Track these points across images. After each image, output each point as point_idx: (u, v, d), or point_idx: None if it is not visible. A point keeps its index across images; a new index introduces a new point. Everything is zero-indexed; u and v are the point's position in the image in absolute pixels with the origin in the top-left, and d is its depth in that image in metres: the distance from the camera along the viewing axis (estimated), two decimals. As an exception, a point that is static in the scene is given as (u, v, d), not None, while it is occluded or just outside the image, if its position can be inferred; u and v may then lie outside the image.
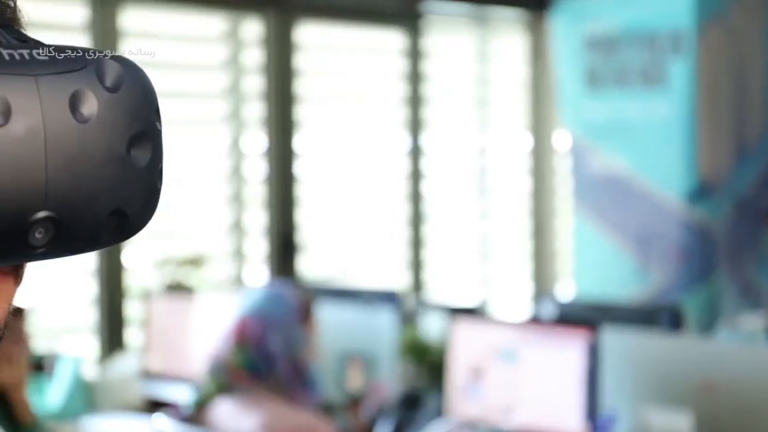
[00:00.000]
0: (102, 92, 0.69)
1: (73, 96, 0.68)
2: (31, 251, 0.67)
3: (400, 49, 4.65)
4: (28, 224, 0.66)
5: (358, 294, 3.68)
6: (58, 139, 0.67)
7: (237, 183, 4.15)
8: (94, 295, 3.78)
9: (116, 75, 0.70)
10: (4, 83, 0.65)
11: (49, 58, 0.68)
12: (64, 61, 0.68)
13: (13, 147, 0.65)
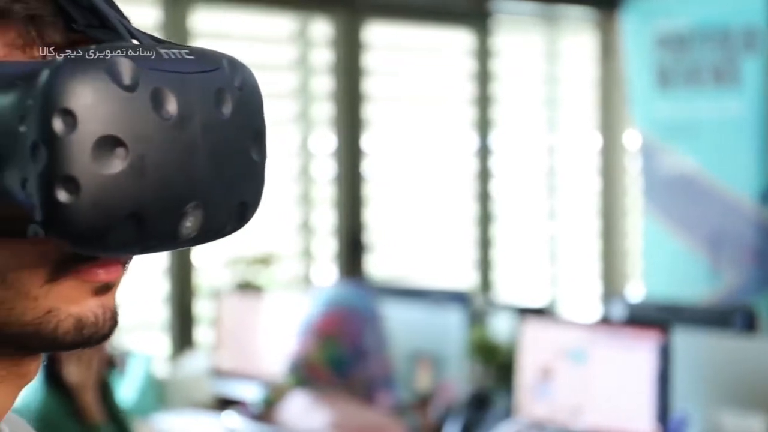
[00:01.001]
0: (234, 91, 0.73)
1: (217, 93, 0.71)
2: (179, 240, 0.70)
3: (468, 48, 4.64)
4: (182, 213, 0.69)
5: (427, 294, 3.67)
6: (207, 133, 0.70)
7: (306, 183, 4.17)
8: (165, 294, 3.83)
9: (242, 76, 0.74)
10: (165, 79, 0.68)
11: (193, 58, 0.71)
12: (202, 61, 0.72)
13: (173, 138, 0.68)
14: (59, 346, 0.72)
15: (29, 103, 0.64)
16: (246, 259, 3.96)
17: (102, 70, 0.65)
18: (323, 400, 2.63)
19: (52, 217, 0.65)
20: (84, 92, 0.64)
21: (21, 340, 0.72)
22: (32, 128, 0.64)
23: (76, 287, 0.71)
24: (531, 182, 4.97)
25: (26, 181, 0.64)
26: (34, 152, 0.64)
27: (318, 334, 2.67)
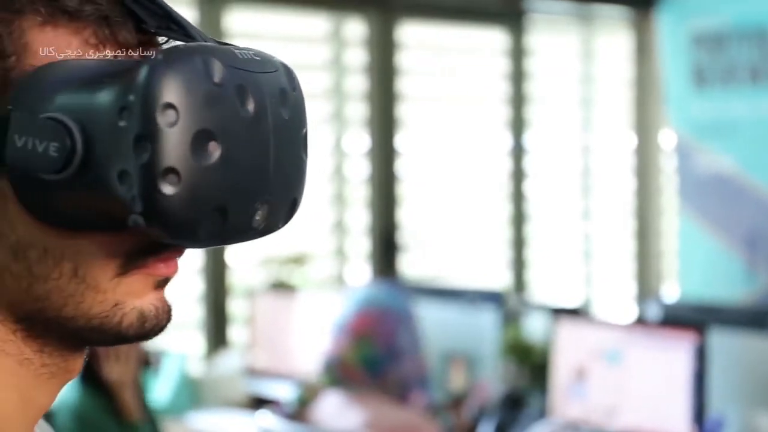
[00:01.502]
0: (291, 93, 0.76)
1: (280, 94, 0.74)
2: (250, 234, 0.73)
3: (502, 48, 4.63)
4: (255, 207, 0.72)
5: (461, 293, 3.66)
6: (277, 130, 0.73)
7: (339, 182, 4.18)
8: (200, 293, 3.84)
9: (294, 78, 0.78)
10: (245, 77, 0.71)
11: (259, 59, 0.74)
12: (266, 62, 0.75)
13: (252, 134, 0.71)
14: (121, 339, 0.74)
15: (131, 99, 0.66)
16: (280, 258, 3.97)
17: (198, 67, 0.68)
18: (357, 400, 2.63)
19: (154, 208, 0.67)
20: (184, 88, 0.67)
21: (84, 334, 0.74)
22: (135, 122, 0.66)
23: (140, 281, 0.73)
24: (565, 182, 4.95)
25: (125, 174, 0.67)
26: (137, 145, 0.66)
27: (352, 334, 2.67)
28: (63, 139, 0.67)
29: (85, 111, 0.68)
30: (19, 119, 0.68)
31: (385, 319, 2.66)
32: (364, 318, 2.67)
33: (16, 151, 0.68)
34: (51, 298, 0.72)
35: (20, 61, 0.70)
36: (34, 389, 0.76)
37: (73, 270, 0.71)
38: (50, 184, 0.68)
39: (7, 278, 0.72)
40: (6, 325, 0.73)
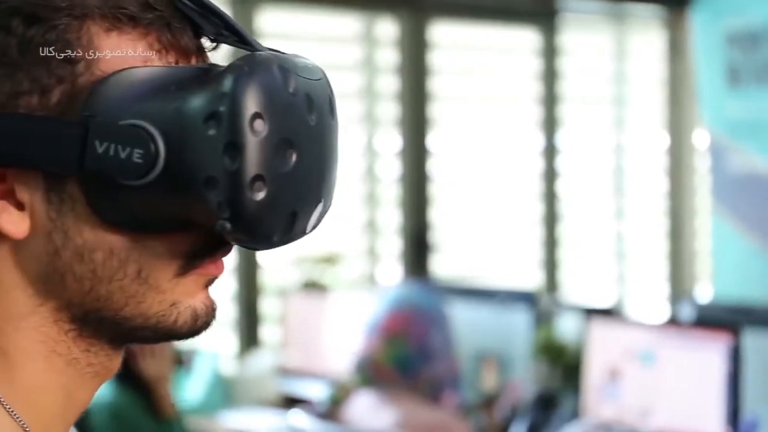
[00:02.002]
0: (335, 99, 0.79)
1: (329, 100, 0.77)
2: (304, 235, 0.76)
3: (535, 47, 4.62)
4: (312, 211, 0.75)
5: (493, 294, 3.66)
6: (331, 137, 0.76)
7: (371, 182, 4.18)
8: (232, 292, 3.85)
9: (331, 84, 0.79)
10: (309, 86, 0.74)
11: (311, 66, 0.77)
12: (314, 69, 0.77)
13: (316, 141, 0.74)
14: (173, 337, 0.77)
15: (220, 108, 0.69)
16: (312, 258, 3.98)
17: (278, 77, 0.71)
18: (389, 400, 2.63)
19: (243, 213, 0.70)
20: (269, 97, 0.70)
21: (137, 332, 0.76)
22: (224, 131, 0.69)
23: (194, 281, 0.76)
24: (598, 182, 4.93)
25: (212, 180, 0.69)
26: (227, 153, 0.69)
27: (384, 334, 2.66)
28: (147, 146, 0.69)
29: (166, 118, 0.70)
30: (100, 125, 0.70)
31: (417, 319, 2.66)
32: (397, 318, 2.67)
33: (96, 157, 0.70)
34: (113, 298, 0.73)
35: (89, 67, 0.71)
36: (78, 388, 0.77)
37: (137, 271, 0.73)
38: (127, 189, 0.70)
39: (69, 280, 0.73)
40: (60, 325, 0.74)
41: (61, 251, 0.72)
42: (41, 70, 0.70)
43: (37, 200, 0.72)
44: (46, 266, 0.73)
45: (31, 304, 0.74)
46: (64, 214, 0.72)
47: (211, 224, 0.71)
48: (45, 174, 0.71)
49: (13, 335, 0.74)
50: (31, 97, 0.71)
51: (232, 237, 0.72)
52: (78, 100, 0.71)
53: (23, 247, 0.73)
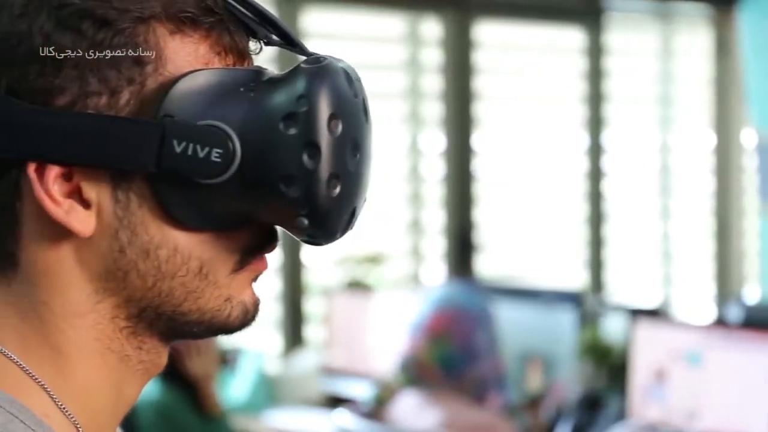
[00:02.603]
0: (367, 100, 0.79)
1: (365, 101, 0.78)
2: (342, 235, 0.77)
3: (580, 46, 4.59)
4: (359, 209, 0.77)
5: (538, 294, 3.64)
6: (370, 136, 0.78)
7: (415, 182, 4.18)
8: (277, 292, 3.86)
9: None
10: (362, 89, 0.77)
11: (354, 69, 0.79)
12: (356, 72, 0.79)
13: (370, 141, 0.77)
14: (224, 331, 0.78)
15: (300, 109, 0.72)
16: (356, 258, 3.98)
17: (345, 79, 0.74)
18: (434, 400, 2.62)
19: (321, 210, 0.73)
20: (343, 99, 0.73)
21: (192, 328, 0.77)
22: (304, 131, 0.72)
23: (246, 277, 0.78)
24: (644, 181, 4.89)
25: (290, 178, 0.72)
26: (306, 152, 0.72)
27: (428, 334, 2.66)
28: (226, 145, 0.72)
29: (240, 118, 0.72)
30: (178, 125, 0.72)
31: (462, 319, 2.65)
32: (441, 318, 2.66)
33: (174, 156, 0.72)
34: (173, 294, 0.75)
35: (157, 68, 0.73)
36: (128, 385, 0.78)
37: (199, 267, 0.75)
38: (201, 187, 0.72)
39: (132, 276, 0.74)
40: (116, 322, 0.76)
41: (127, 249, 0.74)
42: (111, 72, 0.72)
43: (104, 199, 0.73)
44: (110, 264, 0.74)
45: (90, 302, 0.75)
46: (131, 213, 0.73)
47: (283, 221, 0.74)
48: (112, 172, 0.73)
49: (69, 334, 0.75)
50: (100, 97, 0.72)
51: (306, 233, 0.75)
52: (146, 100, 0.72)
53: (87, 245, 0.74)
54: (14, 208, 0.73)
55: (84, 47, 0.71)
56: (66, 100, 0.72)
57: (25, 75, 0.71)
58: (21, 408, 0.72)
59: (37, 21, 0.71)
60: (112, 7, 0.72)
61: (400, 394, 2.70)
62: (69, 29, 0.71)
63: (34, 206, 0.73)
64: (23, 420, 0.71)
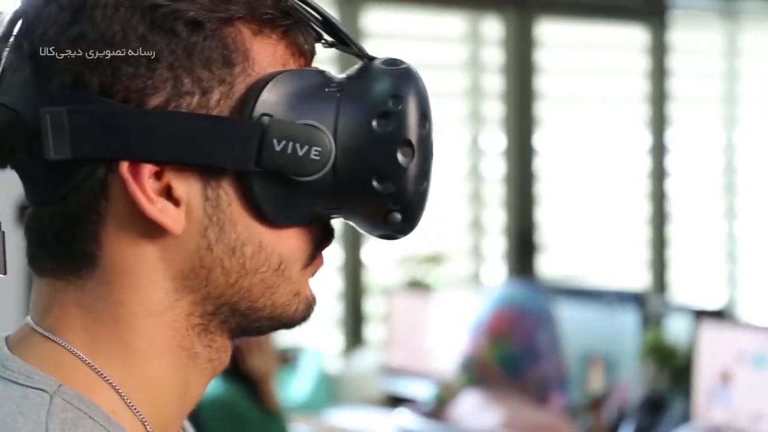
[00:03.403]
0: None
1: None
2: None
3: (644, 45, 4.55)
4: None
5: (601, 294, 3.61)
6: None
7: (476, 181, 4.16)
8: (338, 291, 3.87)
9: None
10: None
11: None
12: None
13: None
14: (287, 326, 0.80)
15: (396, 109, 0.74)
16: (416, 257, 3.98)
17: (423, 82, 0.77)
18: (495, 400, 2.61)
19: (414, 206, 0.76)
20: (425, 99, 0.76)
21: (262, 323, 0.79)
22: (399, 129, 0.74)
23: (310, 272, 0.80)
24: (708, 181, 4.84)
25: (384, 175, 0.74)
26: (402, 150, 0.74)
27: (490, 334, 2.65)
28: (324, 143, 0.73)
29: (333, 117, 0.74)
30: (278, 124, 0.73)
31: (523, 320, 2.64)
32: (503, 318, 2.65)
33: (274, 154, 0.73)
34: (252, 290, 0.76)
35: (244, 69, 0.74)
36: (195, 383, 0.78)
37: (279, 263, 0.77)
38: (295, 185, 0.74)
39: (216, 273, 0.75)
40: (190, 320, 0.76)
41: (214, 246, 0.75)
42: (204, 72, 0.73)
43: (194, 197, 0.74)
44: (194, 262, 0.75)
45: (168, 300, 0.75)
46: (221, 210, 0.74)
47: (374, 216, 0.76)
48: (202, 170, 0.74)
49: (145, 332, 0.75)
50: (192, 97, 0.73)
51: (396, 228, 0.77)
52: (236, 100, 0.74)
53: (173, 243, 0.75)
54: (99, 208, 0.73)
55: (178, 48, 0.73)
56: (160, 99, 0.72)
57: (119, 75, 0.72)
58: (90, 404, 0.72)
59: (131, 22, 0.72)
60: (202, 9, 0.73)
61: (461, 394, 2.69)
62: (164, 30, 0.72)
63: (121, 205, 0.73)
64: (92, 416, 0.72)
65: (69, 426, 0.70)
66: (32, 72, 0.73)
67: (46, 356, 0.74)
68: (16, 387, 0.72)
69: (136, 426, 0.75)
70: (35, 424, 0.70)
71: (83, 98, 0.72)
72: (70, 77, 0.72)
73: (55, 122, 0.71)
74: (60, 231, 0.74)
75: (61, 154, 0.71)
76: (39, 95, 0.72)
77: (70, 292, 0.75)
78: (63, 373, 0.73)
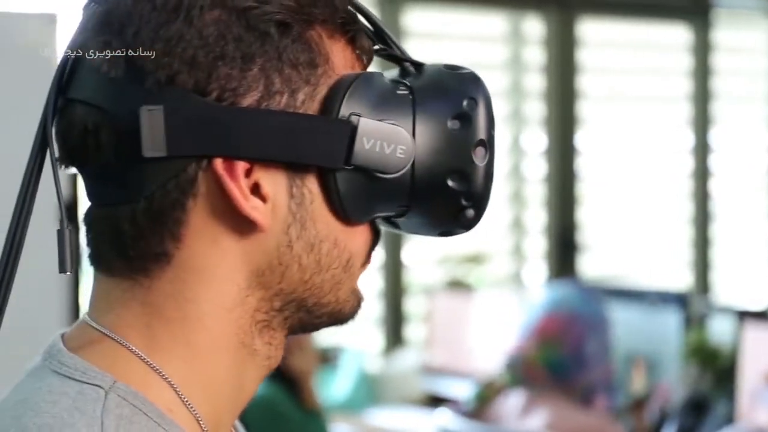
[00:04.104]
0: None
1: None
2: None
3: (687, 44, 4.52)
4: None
5: (643, 295, 3.58)
6: None
7: (517, 181, 4.15)
8: (378, 290, 3.87)
9: None
10: None
11: None
12: None
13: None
14: (342, 322, 0.82)
15: (474, 110, 0.78)
16: (457, 257, 3.97)
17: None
18: (539, 401, 2.60)
19: (484, 202, 0.79)
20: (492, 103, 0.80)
21: (322, 319, 0.80)
22: (475, 130, 0.78)
23: (363, 270, 0.81)
24: (752, 180, 4.79)
25: (460, 173, 0.78)
26: (477, 149, 0.78)
27: (538, 336, 2.63)
28: (408, 143, 0.76)
29: (409, 117, 0.77)
30: (367, 124, 0.76)
31: (574, 325, 2.62)
32: (553, 321, 2.63)
33: (362, 152, 0.76)
34: (323, 287, 0.78)
35: (326, 71, 0.76)
36: (250, 380, 0.79)
37: (348, 259, 0.79)
38: (377, 182, 0.77)
39: (293, 270, 0.77)
40: (255, 316, 0.77)
41: (294, 243, 0.76)
42: (293, 73, 0.75)
43: (279, 194, 0.75)
44: (272, 259, 0.76)
45: (240, 296, 0.76)
46: (304, 208, 0.76)
47: (447, 212, 0.79)
48: (287, 168, 0.75)
49: (213, 330, 0.76)
50: (282, 97, 0.75)
51: (466, 224, 0.80)
52: (319, 100, 0.76)
53: (255, 240, 0.76)
54: (186, 206, 0.74)
55: (270, 49, 0.74)
56: (253, 99, 0.74)
57: (215, 75, 0.73)
58: (144, 401, 0.73)
59: (227, 23, 0.74)
60: (289, 11, 0.75)
61: (505, 394, 2.68)
62: (257, 31, 0.74)
63: (209, 202, 0.74)
64: (146, 412, 0.72)
65: (124, 422, 0.71)
66: (125, 71, 0.73)
67: (104, 353, 0.75)
68: (72, 383, 0.73)
69: (192, 424, 0.75)
70: (91, 419, 0.70)
71: (178, 97, 0.73)
72: (165, 76, 0.73)
73: (153, 120, 0.72)
74: (139, 230, 0.75)
75: (158, 151, 0.72)
76: (134, 94, 0.73)
77: (136, 291, 0.76)
78: (120, 370, 0.74)
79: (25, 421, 0.71)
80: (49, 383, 0.74)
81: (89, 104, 0.74)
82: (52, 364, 0.75)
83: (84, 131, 0.74)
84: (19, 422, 0.71)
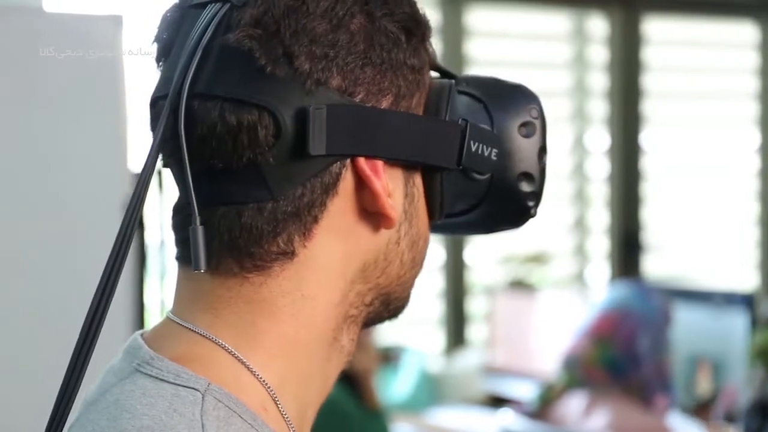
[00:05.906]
0: None
1: None
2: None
3: (753, 41, 4.45)
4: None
5: (708, 295, 3.54)
6: None
7: (580, 181, 4.12)
8: (440, 290, 3.86)
9: None
10: None
11: None
12: None
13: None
14: (396, 316, 0.84)
15: (538, 120, 0.85)
16: (519, 257, 3.95)
17: None
18: (601, 401, 2.59)
19: (541, 201, 0.86)
20: None
21: (393, 313, 0.83)
22: (540, 136, 0.85)
23: None
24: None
25: (528, 176, 0.85)
26: (540, 154, 0.85)
27: (593, 335, 2.63)
28: (500, 147, 0.83)
29: (489, 124, 0.83)
30: (474, 128, 0.81)
31: (625, 322, 2.61)
32: (606, 320, 2.63)
33: (470, 154, 0.81)
34: (410, 282, 0.83)
35: (423, 76, 0.81)
36: (333, 375, 0.80)
37: (424, 257, 0.83)
38: (469, 182, 0.82)
39: (395, 266, 0.80)
40: (349, 311, 0.79)
41: (401, 240, 0.80)
42: (412, 76, 0.79)
43: (398, 193, 0.79)
44: (379, 254, 0.79)
45: (345, 292, 0.78)
46: (413, 206, 0.80)
47: (515, 211, 0.86)
48: (405, 168, 0.79)
49: (320, 324, 0.77)
50: (408, 100, 0.79)
51: (527, 221, 0.87)
52: (423, 104, 0.81)
53: (373, 237, 0.78)
54: (325, 204, 0.76)
55: (401, 53, 0.79)
56: (389, 101, 0.78)
57: (362, 77, 0.76)
58: (238, 403, 0.73)
59: (370, 30, 0.77)
60: (409, 18, 0.80)
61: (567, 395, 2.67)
62: (393, 38, 0.78)
63: (346, 200, 0.77)
64: (240, 414, 0.73)
65: (222, 423, 0.71)
66: (287, 71, 0.74)
67: (198, 353, 0.75)
68: (167, 385, 0.73)
69: (280, 422, 0.76)
70: (191, 422, 0.71)
71: (333, 97, 0.75)
72: (322, 77, 0.74)
73: (318, 119, 0.74)
74: (273, 227, 0.75)
75: (319, 150, 0.74)
76: (295, 93, 0.74)
77: (245, 289, 0.76)
78: (215, 370, 0.74)
79: (123, 424, 0.71)
80: (141, 385, 0.74)
81: (243, 102, 0.74)
82: (142, 367, 0.75)
83: (236, 128, 0.74)
84: (117, 424, 0.72)
